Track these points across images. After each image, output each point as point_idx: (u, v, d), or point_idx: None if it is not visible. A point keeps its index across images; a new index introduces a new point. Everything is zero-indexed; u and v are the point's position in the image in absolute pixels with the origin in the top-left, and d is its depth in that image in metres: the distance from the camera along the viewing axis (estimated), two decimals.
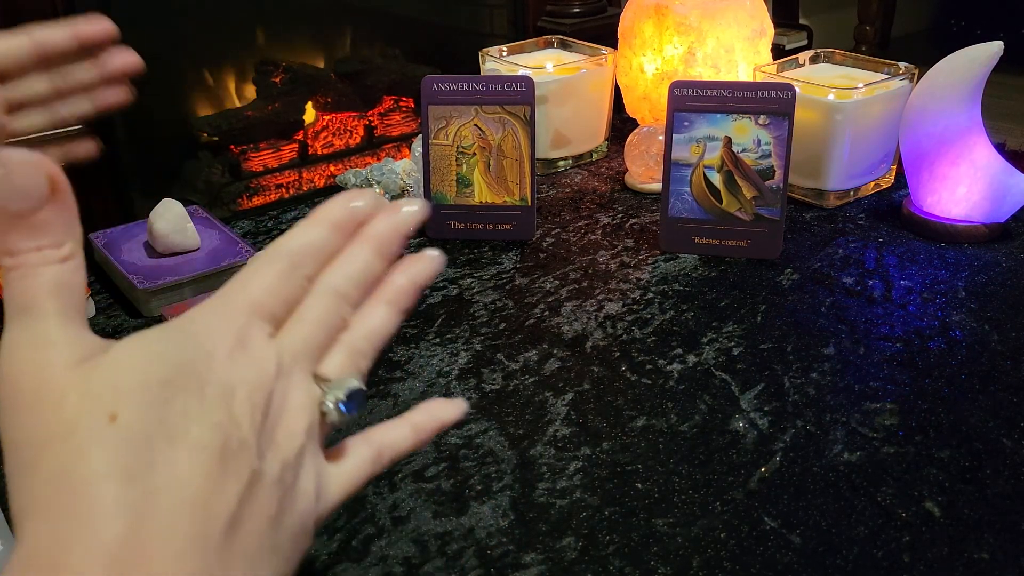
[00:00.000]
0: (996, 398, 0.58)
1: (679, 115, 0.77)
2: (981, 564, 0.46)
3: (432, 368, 0.64)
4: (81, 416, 0.28)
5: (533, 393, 0.61)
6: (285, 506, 0.31)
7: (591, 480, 0.52)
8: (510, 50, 1.03)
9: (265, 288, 0.33)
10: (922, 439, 0.55)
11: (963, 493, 0.50)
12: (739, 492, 0.51)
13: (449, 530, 0.49)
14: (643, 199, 0.92)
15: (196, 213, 0.82)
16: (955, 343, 0.64)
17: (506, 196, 0.82)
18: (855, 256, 0.78)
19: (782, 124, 0.75)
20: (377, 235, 0.35)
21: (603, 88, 0.99)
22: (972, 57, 0.76)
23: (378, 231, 0.35)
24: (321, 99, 2.20)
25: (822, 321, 0.68)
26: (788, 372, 0.62)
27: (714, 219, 0.78)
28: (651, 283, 0.75)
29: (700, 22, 0.90)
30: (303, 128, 2.18)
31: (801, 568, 0.46)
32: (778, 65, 0.91)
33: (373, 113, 2.28)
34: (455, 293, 0.74)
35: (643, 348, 0.65)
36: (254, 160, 2.09)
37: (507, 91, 0.80)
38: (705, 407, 0.59)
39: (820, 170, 0.86)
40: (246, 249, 0.76)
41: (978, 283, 0.72)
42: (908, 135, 0.80)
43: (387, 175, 0.86)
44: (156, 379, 0.29)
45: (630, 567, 0.46)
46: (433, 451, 0.55)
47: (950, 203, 0.79)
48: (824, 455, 0.54)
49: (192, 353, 0.30)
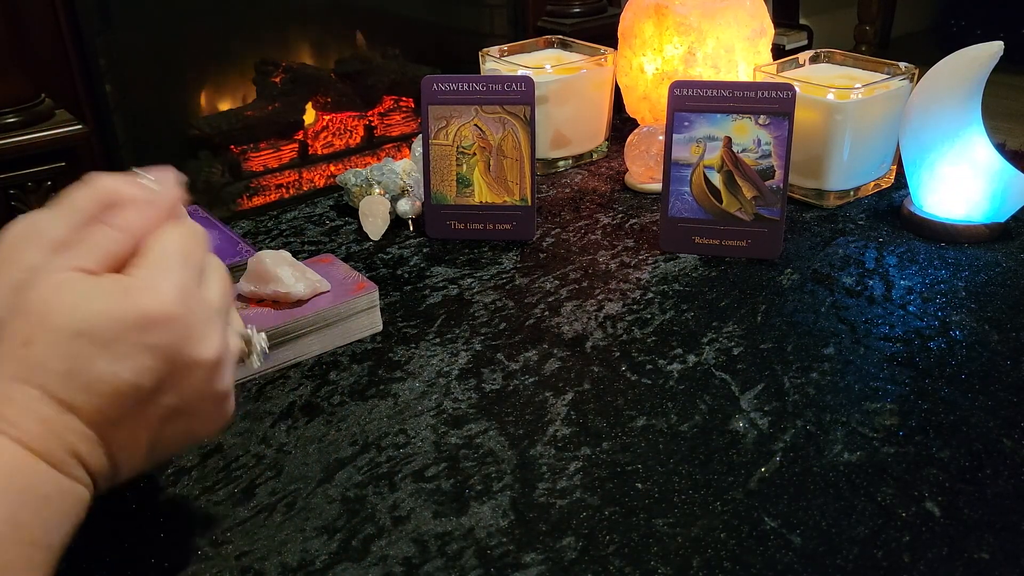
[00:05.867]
0: (996, 398, 0.58)
1: (679, 115, 0.77)
2: (981, 564, 0.46)
3: (432, 368, 0.64)
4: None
5: (533, 393, 0.61)
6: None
7: (591, 480, 0.52)
8: (510, 50, 1.03)
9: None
10: (922, 439, 0.55)
11: (963, 493, 0.50)
12: (739, 492, 0.51)
13: (449, 530, 0.49)
14: (643, 199, 0.92)
15: (196, 213, 0.82)
16: (955, 343, 0.64)
17: (506, 196, 0.82)
18: (855, 256, 0.78)
19: (782, 124, 0.75)
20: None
21: (603, 88, 0.99)
22: (972, 57, 0.76)
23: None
24: (321, 99, 2.21)
25: (822, 321, 0.68)
26: (788, 372, 0.62)
27: (714, 219, 0.78)
28: (651, 283, 0.75)
29: (700, 22, 0.90)
30: (303, 128, 2.18)
31: (801, 568, 0.46)
32: (778, 65, 0.91)
33: (373, 113, 2.28)
34: (455, 293, 0.74)
35: (643, 348, 0.65)
36: (254, 160, 2.09)
37: (507, 91, 0.80)
38: (705, 407, 0.59)
39: (820, 170, 0.86)
40: (246, 249, 0.76)
41: (978, 283, 0.72)
42: (908, 135, 0.80)
43: (387, 175, 0.86)
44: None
45: (630, 567, 0.46)
46: (433, 451, 0.55)
47: (950, 203, 0.79)
48: (824, 455, 0.54)
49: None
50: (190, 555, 0.48)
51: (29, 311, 0.38)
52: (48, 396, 0.37)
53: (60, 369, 0.38)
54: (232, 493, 0.52)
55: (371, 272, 0.78)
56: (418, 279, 0.77)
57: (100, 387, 0.38)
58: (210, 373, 0.42)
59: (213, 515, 0.51)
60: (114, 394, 0.39)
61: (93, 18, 1.63)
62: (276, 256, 0.66)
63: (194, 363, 0.41)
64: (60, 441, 0.38)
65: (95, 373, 0.38)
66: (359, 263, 0.80)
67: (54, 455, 0.38)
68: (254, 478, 0.54)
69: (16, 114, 1.36)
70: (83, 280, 0.39)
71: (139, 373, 0.39)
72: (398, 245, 0.83)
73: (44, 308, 0.38)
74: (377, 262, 0.80)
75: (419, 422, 0.58)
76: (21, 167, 1.35)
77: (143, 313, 0.39)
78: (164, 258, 0.41)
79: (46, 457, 0.37)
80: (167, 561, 0.48)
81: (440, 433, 0.57)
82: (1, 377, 0.37)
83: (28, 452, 0.37)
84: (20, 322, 0.38)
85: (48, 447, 0.37)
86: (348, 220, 0.88)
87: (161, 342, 0.39)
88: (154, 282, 0.40)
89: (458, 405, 0.60)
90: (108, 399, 0.38)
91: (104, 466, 0.40)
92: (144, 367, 0.39)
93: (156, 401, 0.40)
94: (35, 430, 0.37)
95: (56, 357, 0.37)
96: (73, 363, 0.38)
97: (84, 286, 0.39)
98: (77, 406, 0.38)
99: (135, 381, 0.39)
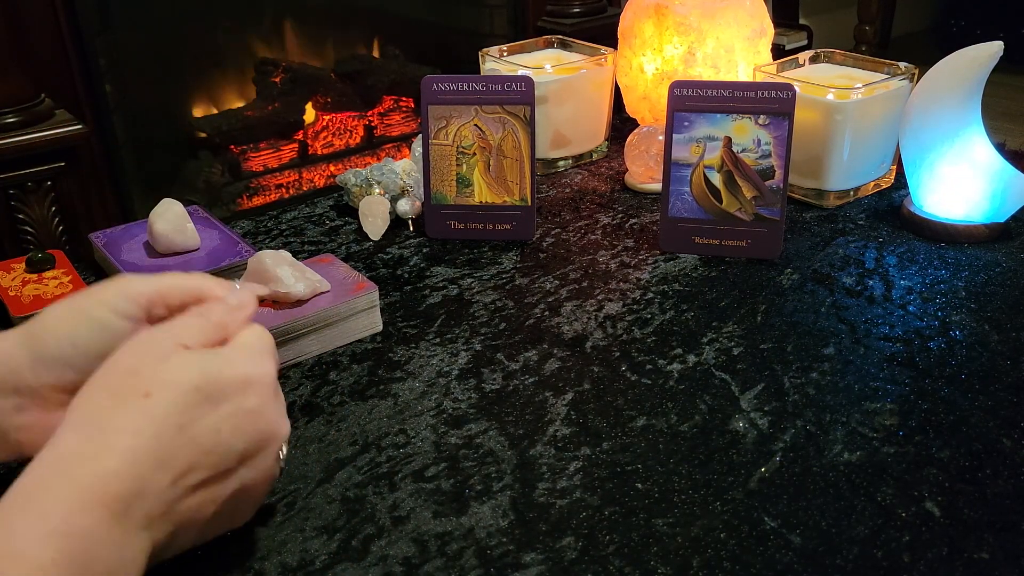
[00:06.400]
0: (996, 398, 0.58)
1: (679, 115, 0.77)
2: (981, 564, 0.46)
3: (432, 368, 0.64)
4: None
5: (533, 393, 0.61)
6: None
7: (591, 480, 0.52)
8: (510, 50, 1.03)
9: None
10: (922, 439, 0.55)
11: (963, 493, 0.50)
12: (739, 492, 0.51)
13: (449, 530, 0.49)
14: (643, 199, 0.92)
15: (196, 213, 0.82)
16: (955, 343, 0.64)
17: (506, 196, 0.82)
18: (855, 256, 0.78)
19: (782, 124, 0.75)
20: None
21: (603, 88, 0.99)
22: (972, 57, 0.76)
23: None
24: (321, 99, 2.20)
25: (822, 321, 0.68)
26: (788, 372, 0.62)
27: (714, 219, 0.78)
28: (651, 283, 0.75)
29: (700, 22, 0.90)
30: (303, 128, 2.18)
31: (801, 568, 0.46)
32: (778, 65, 0.91)
33: (373, 113, 2.28)
34: (455, 293, 0.74)
35: (643, 348, 0.65)
36: (254, 160, 2.09)
37: (507, 91, 0.80)
38: (705, 407, 0.59)
39: (820, 170, 0.86)
40: (246, 249, 0.76)
41: (978, 283, 0.72)
42: (908, 135, 0.80)
43: (387, 175, 0.86)
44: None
45: (630, 567, 0.46)
46: (433, 451, 0.55)
47: (950, 203, 0.79)
48: (824, 455, 0.54)
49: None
50: (190, 555, 0.48)
51: (145, 368, 0.41)
52: (152, 452, 0.39)
53: (174, 422, 0.40)
54: None
55: (371, 272, 0.78)
56: (418, 279, 0.77)
57: (203, 441, 0.40)
58: (275, 455, 0.45)
59: None
60: (211, 451, 0.41)
61: (93, 18, 1.63)
62: (276, 256, 0.66)
63: (274, 436, 0.44)
64: (143, 503, 0.39)
65: (202, 427, 0.40)
66: (359, 263, 0.80)
67: (132, 520, 0.39)
68: None
69: (16, 114, 1.35)
70: (188, 352, 0.42)
71: (236, 434, 0.42)
72: (398, 245, 0.83)
73: (161, 367, 0.41)
74: (377, 262, 0.80)
75: (419, 422, 0.58)
76: (21, 167, 1.35)
77: (245, 374, 0.42)
78: (261, 345, 0.45)
79: (122, 521, 0.38)
80: (167, 561, 0.48)
81: (440, 433, 0.57)
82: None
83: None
84: (134, 379, 0.40)
85: (129, 508, 0.38)
86: (348, 220, 0.88)
87: (257, 407, 0.42)
88: (250, 355, 0.44)
89: (458, 405, 0.60)
90: (204, 456, 0.40)
91: (162, 540, 0.41)
92: (241, 429, 0.42)
93: (236, 472, 0.42)
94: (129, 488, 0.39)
95: (175, 410, 0.40)
96: (187, 417, 0.40)
97: (192, 354, 0.42)
98: (176, 460, 0.40)
99: (231, 442, 0.41)
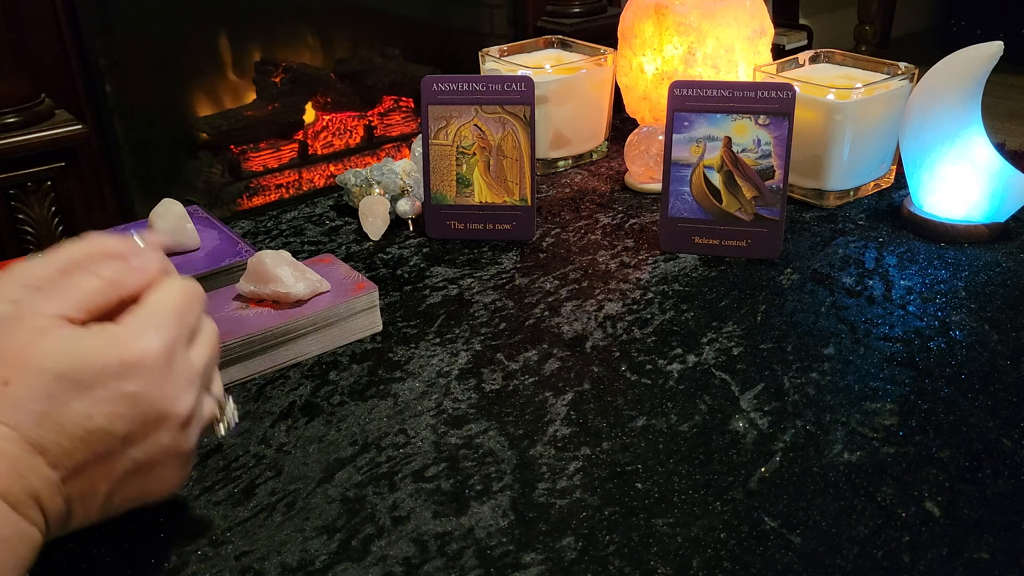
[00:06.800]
0: (996, 398, 0.58)
1: (679, 115, 0.77)
2: (981, 564, 0.46)
3: (432, 368, 0.64)
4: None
5: (533, 393, 0.61)
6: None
7: (591, 480, 0.52)
8: (510, 50, 1.03)
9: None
10: (922, 439, 0.55)
11: (963, 493, 0.50)
12: (739, 492, 0.51)
13: (449, 530, 0.49)
14: (643, 199, 0.92)
15: (196, 213, 0.82)
16: (955, 343, 0.64)
17: (506, 196, 0.82)
18: (855, 256, 0.78)
19: (782, 124, 0.75)
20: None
21: (603, 88, 0.99)
22: (972, 57, 0.76)
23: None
24: (321, 99, 2.21)
25: (822, 321, 0.68)
26: (788, 372, 0.62)
27: (714, 219, 0.78)
28: (651, 283, 0.75)
29: (700, 22, 0.90)
30: (303, 128, 2.18)
31: (801, 568, 0.46)
32: (778, 65, 0.91)
33: (373, 113, 2.28)
34: (455, 293, 0.74)
35: (643, 348, 0.65)
36: (254, 160, 2.09)
37: (507, 91, 0.80)
38: (705, 407, 0.59)
39: (820, 170, 0.86)
40: (246, 249, 0.76)
41: (978, 283, 0.72)
42: (908, 135, 0.80)
43: (387, 175, 0.86)
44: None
45: (630, 567, 0.46)
46: (433, 451, 0.55)
47: (950, 203, 0.79)
48: (824, 455, 0.54)
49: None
50: (190, 555, 0.48)
51: (9, 353, 0.38)
52: (19, 436, 0.37)
53: (36, 409, 0.38)
54: (232, 493, 0.52)
55: (371, 272, 0.78)
56: (418, 279, 0.77)
57: (72, 429, 0.38)
58: (178, 431, 0.42)
59: (213, 515, 0.51)
60: (84, 438, 0.39)
61: (93, 18, 1.63)
62: (276, 256, 0.66)
63: (165, 417, 0.41)
64: (23, 482, 0.37)
65: (69, 415, 0.38)
66: (359, 263, 0.80)
67: (14, 496, 0.37)
68: (254, 478, 0.54)
69: (16, 114, 1.36)
70: (67, 327, 0.39)
71: (112, 419, 0.39)
72: (398, 245, 0.83)
73: (25, 352, 0.38)
74: (377, 262, 0.80)
75: (419, 422, 0.58)
76: (21, 167, 1.35)
77: (124, 359, 0.39)
78: (157, 311, 0.42)
79: (6, 497, 0.37)
80: (167, 561, 0.48)
81: (440, 433, 0.57)
82: None
83: None
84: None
85: (10, 487, 0.37)
86: (348, 220, 0.88)
87: (138, 390, 0.40)
88: (142, 332, 0.41)
89: (458, 405, 0.60)
90: (78, 442, 0.39)
91: (60, 512, 0.40)
92: (118, 414, 0.39)
93: (123, 452, 0.40)
94: (0, 470, 0.37)
95: (34, 398, 0.38)
96: (50, 404, 0.38)
97: (68, 332, 0.39)
98: (46, 447, 0.38)
99: (107, 427, 0.39)
